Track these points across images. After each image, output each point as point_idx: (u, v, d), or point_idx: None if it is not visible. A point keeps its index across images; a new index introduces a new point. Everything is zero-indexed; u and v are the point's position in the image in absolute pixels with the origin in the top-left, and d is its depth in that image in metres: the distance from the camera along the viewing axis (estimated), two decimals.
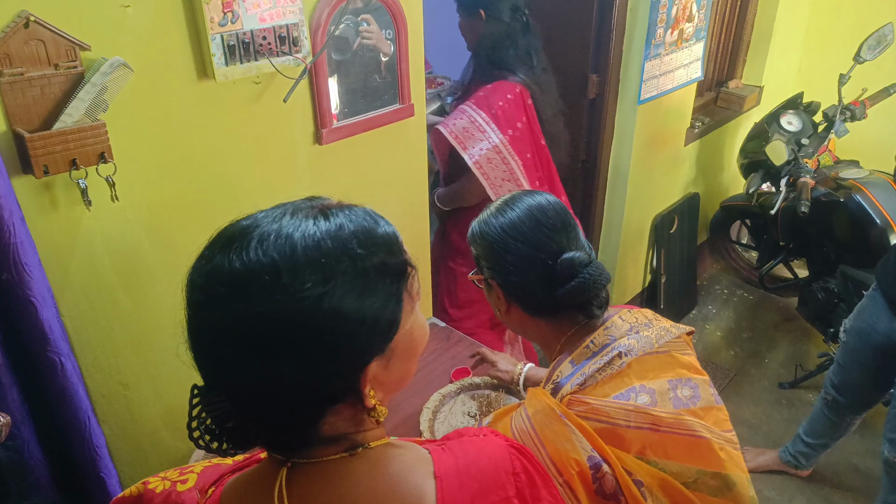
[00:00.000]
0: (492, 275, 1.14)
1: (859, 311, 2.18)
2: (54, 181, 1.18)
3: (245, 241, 0.62)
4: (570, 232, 1.11)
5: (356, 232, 0.65)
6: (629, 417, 1.00)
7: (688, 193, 3.52)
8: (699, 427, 1.02)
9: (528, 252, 1.08)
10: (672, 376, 1.07)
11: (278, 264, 0.60)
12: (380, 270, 0.65)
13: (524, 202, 1.13)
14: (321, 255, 0.62)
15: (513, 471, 0.74)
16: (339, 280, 0.61)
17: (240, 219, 0.67)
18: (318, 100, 1.55)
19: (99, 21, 1.16)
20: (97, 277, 1.32)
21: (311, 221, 0.64)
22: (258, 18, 1.34)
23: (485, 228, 1.14)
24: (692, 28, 2.86)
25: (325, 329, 0.61)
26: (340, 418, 0.67)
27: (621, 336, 1.08)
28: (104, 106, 1.16)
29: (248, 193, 1.50)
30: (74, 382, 1.15)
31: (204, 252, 0.65)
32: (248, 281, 0.60)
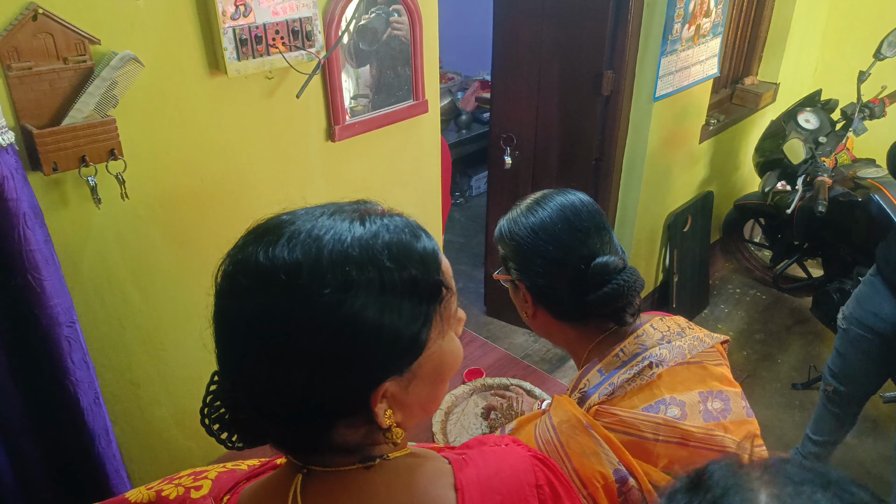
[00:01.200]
0: (519, 276, 1.09)
1: (858, 299, 2.15)
2: (64, 178, 1.16)
3: (276, 236, 0.61)
4: (604, 235, 1.07)
5: (391, 243, 0.62)
6: (658, 431, 0.97)
7: (702, 192, 3.47)
8: (729, 442, 0.99)
9: (559, 255, 1.04)
10: (703, 388, 1.03)
11: (301, 264, 0.59)
12: (409, 287, 0.61)
13: (556, 201, 1.08)
14: (347, 261, 0.59)
15: (536, 483, 0.72)
16: (361, 290, 0.59)
17: (283, 213, 0.66)
18: (332, 95, 1.52)
19: (109, 14, 1.13)
20: (108, 275, 1.30)
21: (346, 224, 0.62)
22: (271, 12, 1.31)
23: (514, 228, 1.09)
24: (709, 23, 2.81)
25: (338, 337, 0.58)
26: (354, 431, 0.65)
27: (652, 345, 1.04)
28: (114, 101, 1.14)
29: (261, 190, 1.48)
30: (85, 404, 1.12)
31: (239, 241, 0.64)
32: (268, 276, 0.59)
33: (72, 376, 1.10)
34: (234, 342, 0.62)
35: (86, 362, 1.13)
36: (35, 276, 1.03)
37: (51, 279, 1.05)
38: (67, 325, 1.09)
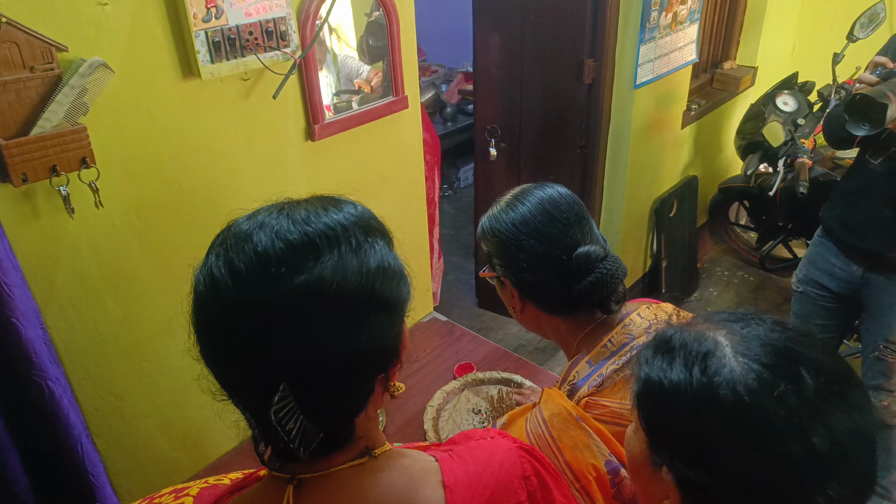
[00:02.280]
0: (504, 272, 1.09)
1: (810, 260, 2.20)
2: (34, 189, 1.13)
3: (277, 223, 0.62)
4: (585, 225, 1.07)
5: (361, 209, 0.69)
6: None
7: (686, 176, 3.48)
8: None
9: (542, 249, 1.04)
10: None
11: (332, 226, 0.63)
12: (388, 235, 0.69)
13: (535, 195, 1.08)
14: (358, 219, 0.66)
15: (523, 474, 0.73)
16: (378, 239, 0.65)
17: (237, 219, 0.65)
18: (310, 94, 1.49)
19: (76, 21, 1.10)
20: (85, 286, 1.27)
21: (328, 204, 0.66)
22: (244, 13, 1.28)
23: (495, 225, 1.09)
24: (686, 10, 2.81)
25: (385, 278, 0.63)
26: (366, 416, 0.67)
27: (640, 335, 1.05)
28: (84, 109, 1.11)
29: (241, 193, 1.45)
30: (65, 407, 1.10)
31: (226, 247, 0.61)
32: (313, 245, 0.61)
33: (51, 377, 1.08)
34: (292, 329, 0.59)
35: (57, 364, 1.12)
36: (6, 284, 1.00)
37: (18, 285, 1.03)
38: (41, 328, 1.08)
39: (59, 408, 1.12)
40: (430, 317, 2.10)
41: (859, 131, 1.60)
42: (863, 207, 1.97)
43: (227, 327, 0.60)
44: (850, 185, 2.05)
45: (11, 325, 1.02)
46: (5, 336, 1.03)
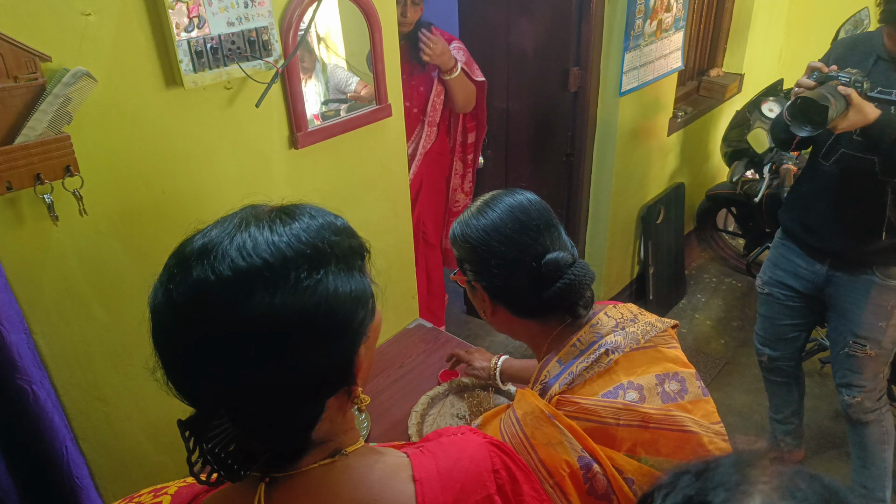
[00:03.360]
0: (475, 277, 1.11)
1: (774, 263, 2.26)
2: (19, 196, 1.15)
3: (219, 252, 0.62)
4: (553, 231, 1.09)
5: (322, 224, 0.67)
6: (619, 415, 0.99)
7: (673, 183, 3.51)
8: (688, 421, 1.01)
9: (512, 255, 1.06)
10: (659, 371, 1.06)
11: (271, 262, 0.61)
12: (352, 253, 0.68)
13: (505, 202, 1.10)
14: (305, 247, 0.63)
15: (492, 468, 0.74)
16: (328, 266, 0.64)
17: (189, 239, 0.66)
18: (293, 103, 1.52)
19: (59, 30, 1.12)
20: (70, 292, 1.29)
21: (278, 223, 0.65)
22: (226, 22, 1.31)
23: (466, 231, 1.11)
24: (671, 18, 2.84)
25: (328, 313, 0.62)
26: (327, 416, 0.67)
27: (607, 333, 1.07)
28: (68, 118, 1.13)
29: (225, 200, 1.47)
30: (49, 410, 1.12)
31: (169, 274, 0.63)
32: (248, 282, 0.60)
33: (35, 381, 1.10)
34: (223, 363, 0.60)
35: (42, 369, 1.14)
36: None
37: (2, 290, 1.05)
38: (24, 332, 1.09)
39: (43, 411, 1.14)
40: (416, 323, 2.11)
41: (802, 132, 1.67)
42: (819, 209, 2.04)
43: (166, 348, 0.62)
44: (804, 188, 2.11)
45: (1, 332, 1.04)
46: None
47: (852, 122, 1.68)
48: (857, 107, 1.66)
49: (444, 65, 2.44)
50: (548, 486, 0.96)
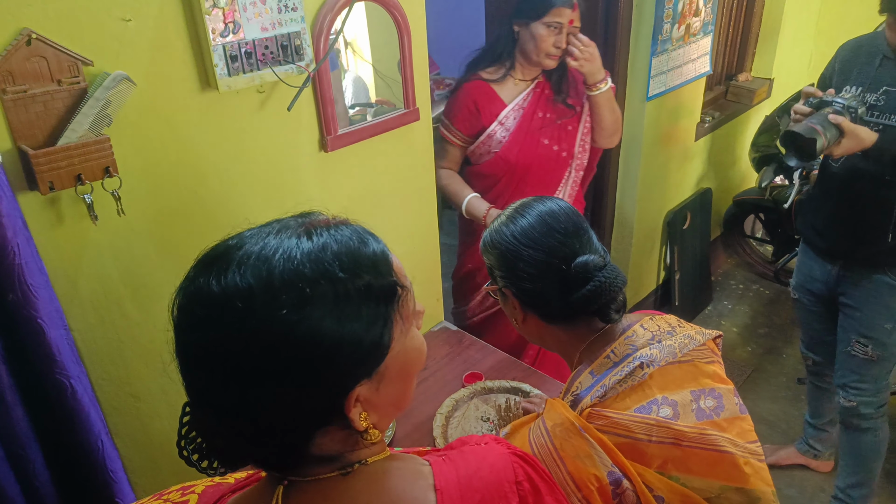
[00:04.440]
0: (506, 284, 1.12)
1: (798, 268, 2.27)
2: (60, 197, 1.18)
3: (225, 263, 0.61)
4: (583, 235, 1.09)
5: (339, 253, 0.63)
6: (650, 432, 0.97)
7: (700, 189, 3.48)
8: (723, 441, 0.99)
9: (541, 258, 1.07)
10: (695, 387, 1.04)
11: (253, 289, 0.59)
12: (364, 293, 0.63)
13: (535, 208, 1.11)
14: (298, 278, 0.60)
15: (515, 479, 0.73)
16: (317, 304, 0.60)
17: (229, 237, 0.67)
18: (323, 107, 1.54)
19: (100, 36, 1.16)
20: (106, 290, 1.32)
21: (294, 241, 0.63)
22: (260, 28, 1.33)
23: (496, 237, 1.12)
24: (699, 22, 2.82)
25: (302, 353, 0.60)
26: (331, 439, 0.66)
27: (643, 346, 1.05)
28: (108, 120, 1.16)
29: (255, 202, 1.50)
30: (86, 405, 1.14)
31: (190, 271, 0.65)
32: (224, 305, 0.59)
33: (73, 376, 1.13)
34: (199, 372, 0.62)
35: (79, 364, 1.16)
36: (31, 285, 1.05)
37: (43, 287, 1.07)
38: (63, 328, 1.12)
39: (80, 405, 1.16)
40: (440, 325, 2.12)
41: (792, 163, 1.72)
42: (827, 210, 2.05)
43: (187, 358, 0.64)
44: (816, 190, 2.12)
45: (36, 325, 1.06)
46: (30, 335, 1.07)
47: (848, 149, 1.70)
48: (851, 134, 1.67)
49: (593, 76, 2.05)
50: (575, 500, 0.95)
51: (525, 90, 2.10)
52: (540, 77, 2.11)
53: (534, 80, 2.10)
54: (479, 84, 2.09)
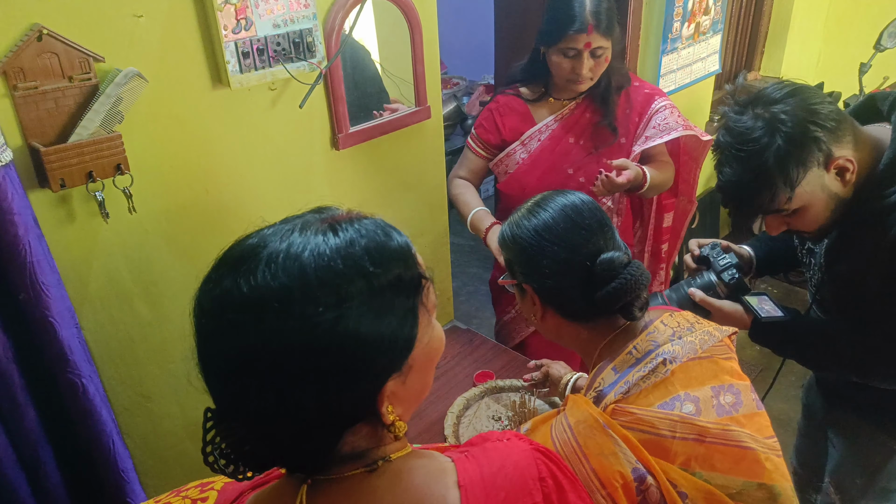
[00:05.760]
0: (526, 279, 1.09)
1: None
2: (71, 194, 1.17)
3: (253, 263, 0.59)
4: (607, 232, 1.07)
5: (368, 248, 0.62)
6: (674, 428, 0.96)
7: (709, 188, 3.46)
8: (745, 437, 0.98)
9: (564, 255, 1.04)
10: (715, 383, 1.02)
11: (290, 288, 0.58)
12: (395, 287, 0.62)
13: (557, 202, 1.09)
14: (334, 275, 0.59)
15: (539, 476, 0.72)
16: (355, 301, 0.59)
17: (246, 236, 0.64)
18: (335, 104, 1.53)
19: (112, 32, 1.15)
20: (116, 289, 1.31)
21: (320, 238, 0.61)
22: (272, 25, 1.32)
23: (517, 231, 1.09)
24: (709, 21, 2.81)
25: (341, 353, 0.58)
26: (359, 436, 0.65)
27: (664, 342, 1.04)
28: (119, 117, 1.15)
29: (267, 200, 1.49)
30: (97, 405, 1.13)
31: (211, 274, 0.62)
32: (259, 307, 0.57)
33: (85, 375, 1.12)
34: (233, 378, 0.60)
35: (91, 363, 1.16)
36: (43, 283, 1.04)
37: (55, 285, 1.07)
38: (75, 327, 1.11)
39: (92, 405, 1.15)
40: (451, 325, 2.11)
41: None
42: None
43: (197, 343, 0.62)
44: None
45: (48, 324, 1.05)
46: (42, 334, 1.06)
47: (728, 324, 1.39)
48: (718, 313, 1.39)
49: (633, 188, 1.82)
50: (599, 497, 0.93)
51: (559, 111, 1.89)
52: (581, 98, 1.87)
53: (574, 99, 1.88)
54: (513, 99, 1.93)
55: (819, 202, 1.19)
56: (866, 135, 1.21)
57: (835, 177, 1.17)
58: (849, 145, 1.16)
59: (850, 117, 1.20)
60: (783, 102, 1.15)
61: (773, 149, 1.13)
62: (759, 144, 1.14)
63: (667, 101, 1.93)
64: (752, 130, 1.15)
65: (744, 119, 1.18)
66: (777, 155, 1.13)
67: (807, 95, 1.16)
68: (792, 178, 1.14)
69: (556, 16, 1.72)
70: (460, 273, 3.76)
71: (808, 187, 1.16)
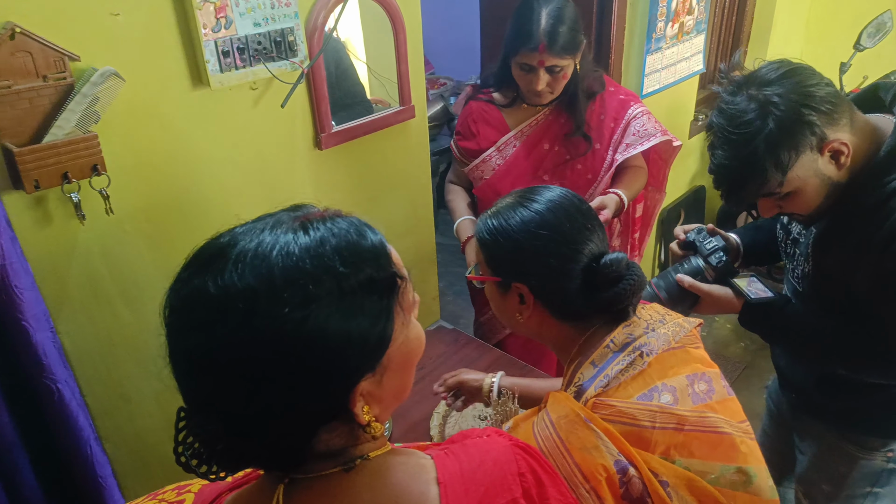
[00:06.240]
0: (518, 278, 1.04)
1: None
2: (47, 195, 1.15)
3: (222, 263, 0.59)
4: (601, 231, 1.05)
5: (339, 247, 0.61)
6: (654, 418, 0.97)
7: (693, 186, 3.48)
8: (721, 423, 0.99)
9: (568, 253, 1.01)
10: (689, 371, 1.04)
11: (255, 288, 0.57)
12: (367, 287, 0.61)
13: (546, 196, 1.04)
14: (301, 275, 0.58)
15: (518, 471, 0.72)
16: (322, 301, 0.58)
17: (219, 234, 0.64)
18: (317, 104, 1.52)
19: (88, 30, 1.13)
20: (96, 291, 1.29)
21: (290, 237, 0.60)
22: (252, 23, 1.31)
23: (507, 225, 1.03)
24: (692, 21, 2.82)
25: (309, 353, 0.58)
26: (335, 435, 0.65)
27: (640, 334, 1.04)
28: (96, 117, 1.13)
29: (249, 201, 1.47)
30: (73, 410, 1.12)
31: (181, 273, 0.62)
32: (225, 307, 0.57)
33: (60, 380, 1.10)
34: (201, 377, 0.59)
35: (67, 367, 1.14)
36: (16, 286, 1.03)
37: (28, 289, 1.05)
38: (50, 331, 1.09)
39: (68, 410, 1.14)
40: (437, 325, 2.10)
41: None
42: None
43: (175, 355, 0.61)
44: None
45: (21, 328, 1.04)
46: (15, 339, 1.05)
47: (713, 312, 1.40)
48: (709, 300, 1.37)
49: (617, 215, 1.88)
50: (583, 491, 0.94)
51: (533, 116, 1.88)
52: (553, 104, 1.86)
53: (546, 105, 1.86)
54: (486, 106, 1.91)
55: (812, 186, 1.17)
56: (865, 121, 1.19)
57: (829, 160, 1.15)
58: (845, 129, 1.15)
59: (849, 101, 1.17)
60: (778, 84, 1.13)
61: (765, 133, 1.11)
62: (751, 128, 1.12)
63: (642, 106, 1.94)
64: (744, 113, 1.13)
65: (737, 100, 1.16)
66: (768, 139, 1.11)
67: (802, 77, 1.14)
68: (783, 162, 1.12)
69: (514, 30, 1.70)
70: (447, 273, 3.76)
71: (801, 171, 1.14)
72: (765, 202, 1.25)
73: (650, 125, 1.90)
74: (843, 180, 1.19)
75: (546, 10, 1.65)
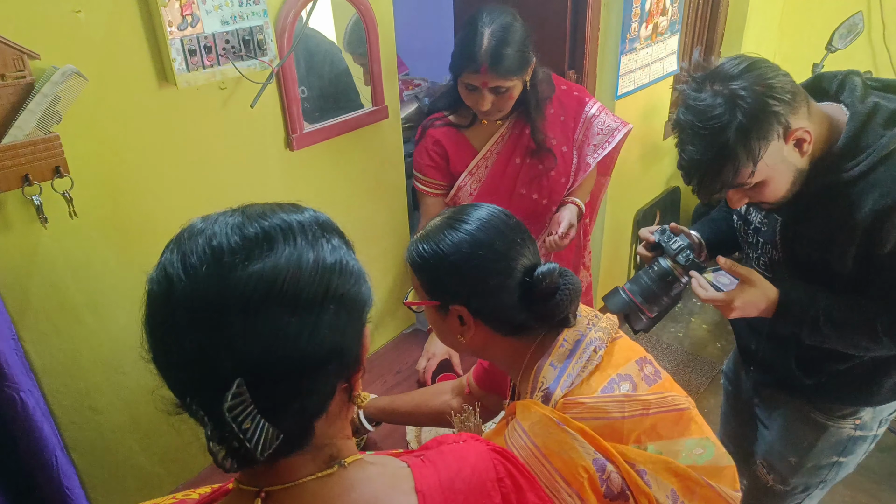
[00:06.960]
0: (455, 300, 1.02)
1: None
2: (6, 199, 1.12)
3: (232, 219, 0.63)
4: (532, 244, 1.06)
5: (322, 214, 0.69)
6: (623, 408, 0.99)
7: (669, 187, 3.50)
8: (679, 399, 1.03)
9: (503, 269, 1.01)
10: (635, 357, 1.07)
11: (284, 224, 0.62)
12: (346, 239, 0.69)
13: (475, 215, 1.03)
14: (313, 222, 0.65)
15: (497, 477, 0.72)
16: (336, 238, 0.66)
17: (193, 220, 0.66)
18: (288, 104, 1.49)
19: (48, 28, 1.09)
20: (60, 298, 1.25)
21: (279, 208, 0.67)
22: (220, 21, 1.28)
23: (439, 248, 1.01)
24: (666, 22, 2.84)
25: (341, 276, 0.62)
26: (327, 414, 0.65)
27: (586, 331, 1.06)
28: (57, 117, 1.10)
29: (219, 203, 1.42)
30: (38, 419, 1.08)
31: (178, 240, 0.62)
32: (266, 238, 0.60)
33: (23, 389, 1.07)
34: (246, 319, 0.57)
35: (31, 376, 1.11)
36: None
37: None
38: (13, 339, 1.06)
39: (32, 420, 1.10)
40: (412, 328, 2.08)
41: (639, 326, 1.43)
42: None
43: (179, 324, 0.58)
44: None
45: None
46: None
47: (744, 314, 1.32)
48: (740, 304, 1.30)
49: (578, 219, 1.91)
50: (565, 495, 0.93)
51: (497, 132, 1.82)
52: (514, 116, 1.80)
53: (505, 119, 1.81)
54: (447, 130, 1.83)
55: (780, 174, 1.20)
56: (819, 109, 1.23)
57: (793, 148, 1.19)
58: (804, 117, 1.18)
59: (804, 90, 1.21)
60: (741, 78, 1.15)
61: (735, 125, 1.13)
62: (721, 121, 1.14)
63: (596, 102, 1.94)
64: (712, 108, 1.15)
65: (702, 96, 1.18)
66: (739, 131, 1.13)
67: (763, 70, 1.17)
68: (754, 152, 1.14)
69: (458, 50, 1.64)
70: None
71: (770, 160, 1.16)
72: (735, 193, 1.26)
73: (609, 121, 1.92)
74: (805, 168, 1.22)
75: (489, 31, 1.59)
